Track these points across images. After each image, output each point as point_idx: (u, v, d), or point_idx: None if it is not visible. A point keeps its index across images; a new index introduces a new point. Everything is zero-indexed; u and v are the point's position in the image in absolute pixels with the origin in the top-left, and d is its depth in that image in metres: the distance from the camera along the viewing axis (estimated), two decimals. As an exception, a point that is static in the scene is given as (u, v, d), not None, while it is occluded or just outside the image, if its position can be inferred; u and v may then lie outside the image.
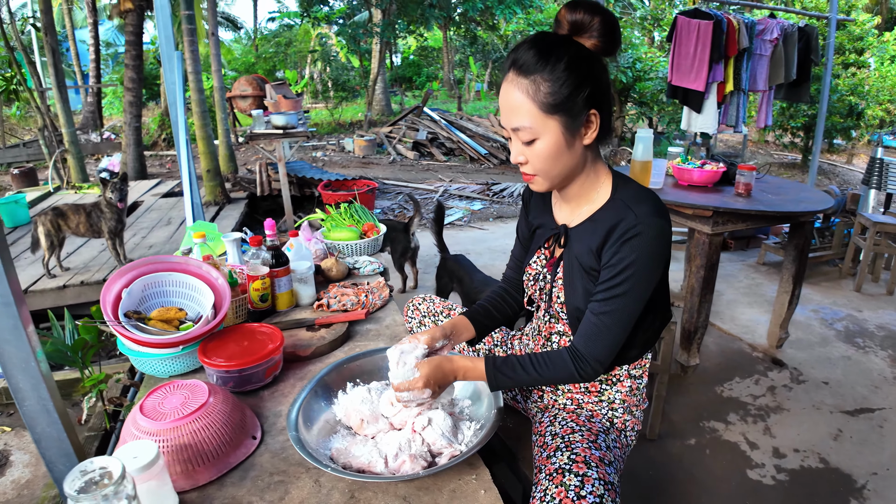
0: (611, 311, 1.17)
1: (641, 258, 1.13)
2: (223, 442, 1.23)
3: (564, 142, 1.14)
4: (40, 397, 1.37)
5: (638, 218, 1.13)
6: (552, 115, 1.11)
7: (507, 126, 1.17)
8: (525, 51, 1.12)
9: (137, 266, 1.65)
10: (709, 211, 2.61)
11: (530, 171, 1.20)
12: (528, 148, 1.16)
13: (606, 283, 1.17)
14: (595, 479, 1.09)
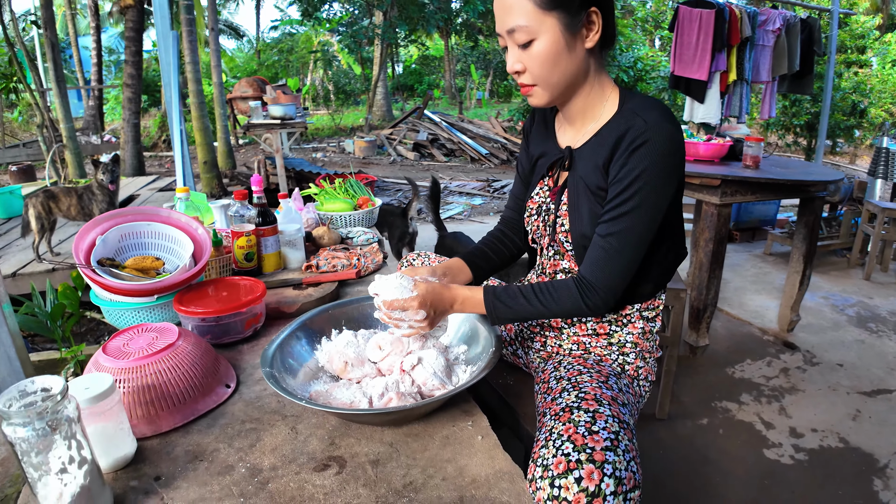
0: (620, 230, 1.05)
1: (652, 167, 1.02)
2: (191, 386, 1.13)
3: (564, 42, 1.04)
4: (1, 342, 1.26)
5: (647, 124, 1.02)
6: (550, 12, 1.01)
7: (503, 29, 1.07)
8: None
9: (115, 215, 1.55)
10: (716, 180, 2.51)
11: (528, 81, 1.09)
12: (524, 52, 1.06)
13: (614, 199, 1.05)
14: (608, 416, 0.96)
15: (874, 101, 8.83)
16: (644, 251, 1.08)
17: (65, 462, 0.82)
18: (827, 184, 2.78)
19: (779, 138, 9.78)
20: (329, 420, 1.10)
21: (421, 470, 0.96)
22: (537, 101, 1.12)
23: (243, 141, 11.64)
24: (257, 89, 9.86)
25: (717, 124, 4.92)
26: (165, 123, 11.85)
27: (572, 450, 0.88)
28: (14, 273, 3.39)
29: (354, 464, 0.98)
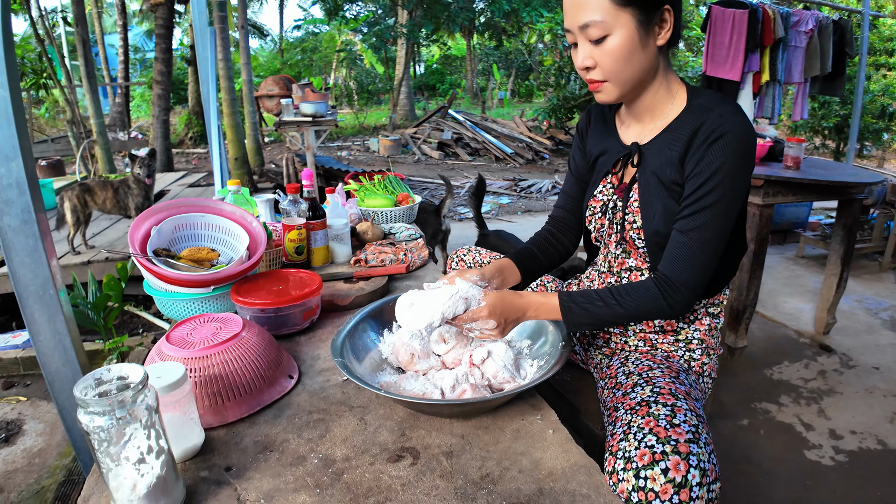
0: (701, 225, 1.05)
1: (730, 160, 1.02)
2: (256, 377, 1.14)
3: (638, 39, 1.04)
4: (56, 331, 1.28)
5: (723, 118, 1.03)
6: (625, 8, 1.01)
7: (574, 25, 1.06)
8: None
9: (169, 206, 1.58)
10: (759, 180, 2.49)
11: (599, 77, 1.09)
12: (597, 48, 1.06)
13: (693, 195, 1.06)
14: (686, 410, 0.98)
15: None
16: (724, 246, 1.08)
17: (143, 452, 0.81)
18: (867, 186, 2.75)
19: (807, 141, 9.66)
20: (397, 411, 1.11)
21: (496, 462, 0.97)
22: (606, 98, 1.12)
23: (269, 139, 11.74)
24: (283, 88, 9.93)
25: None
26: (192, 121, 12.00)
27: (656, 442, 0.89)
28: (49, 264, 3.46)
29: (428, 455, 0.99)
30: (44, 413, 2.51)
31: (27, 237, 1.22)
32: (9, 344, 3.04)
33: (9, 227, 1.21)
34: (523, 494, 0.89)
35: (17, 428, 2.40)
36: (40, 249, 1.23)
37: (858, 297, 3.73)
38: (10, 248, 1.22)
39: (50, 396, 2.58)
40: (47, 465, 2.20)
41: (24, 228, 1.22)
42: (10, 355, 2.80)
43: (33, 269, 1.25)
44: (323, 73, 18.66)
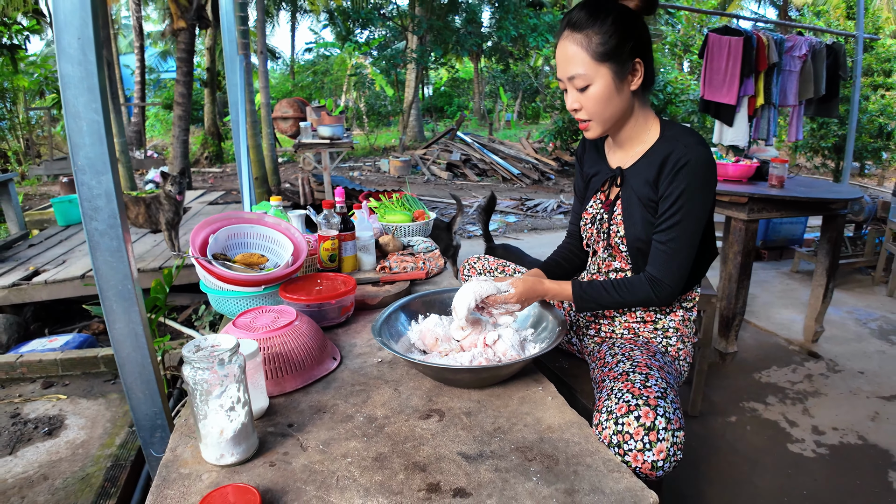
0: (676, 236, 1.32)
1: (693, 183, 1.28)
2: (308, 356, 1.38)
3: (614, 86, 1.31)
4: (131, 320, 1.50)
5: (686, 148, 1.29)
6: (603, 63, 1.28)
7: (564, 76, 1.34)
8: (578, 11, 1.30)
9: (222, 217, 1.84)
10: (744, 198, 2.73)
11: (584, 117, 1.37)
12: (582, 94, 1.33)
13: (666, 212, 1.32)
14: (658, 377, 1.22)
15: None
16: (695, 250, 1.35)
17: (234, 402, 1.05)
18: (847, 201, 2.98)
19: (807, 160, 9.89)
20: (424, 383, 1.35)
21: (506, 419, 1.20)
22: (592, 134, 1.40)
23: (282, 159, 12.09)
24: (297, 110, 10.29)
25: (746, 147, 5.13)
26: (207, 141, 12.38)
27: (631, 398, 1.13)
28: (83, 275, 3.73)
29: (451, 414, 1.23)
30: (84, 409, 2.70)
31: (111, 239, 1.44)
32: (47, 347, 3.26)
33: (96, 230, 1.43)
34: (528, 441, 1.13)
35: (59, 423, 2.58)
36: (122, 250, 1.45)
37: (850, 309, 3.93)
38: (96, 248, 1.44)
39: (89, 395, 2.82)
40: (91, 454, 2.40)
41: (109, 232, 1.44)
42: (49, 357, 2.99)
43: (115, 267, 1.47)
44: (334, 95, 19.13)
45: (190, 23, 7.47)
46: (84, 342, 3.36)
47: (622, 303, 1.39)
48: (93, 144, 1.38)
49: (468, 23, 13.69)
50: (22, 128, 11.09)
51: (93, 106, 1.37)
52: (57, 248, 4.47)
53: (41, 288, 3.68)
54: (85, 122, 1.37)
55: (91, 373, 3.00)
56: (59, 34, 1.31)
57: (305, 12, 21.92)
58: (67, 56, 1.33)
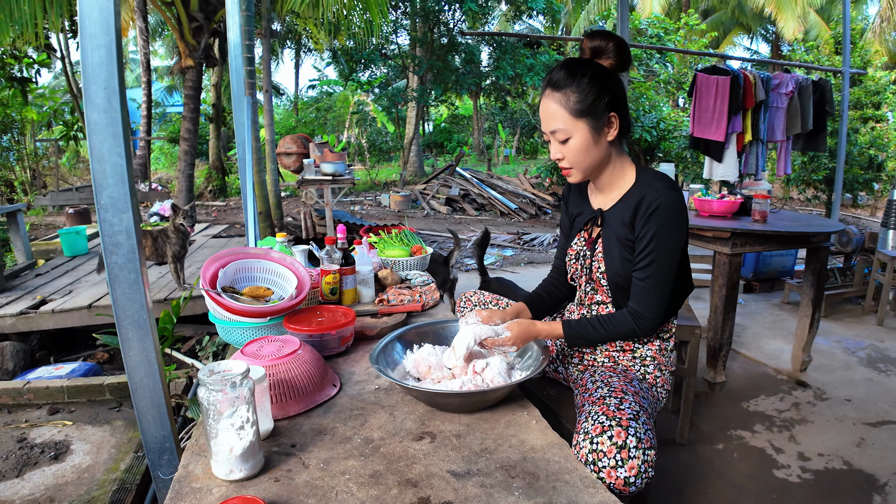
0: (653, 272, 1.45)
1: (664, 224, 1.42)
2: (311, 382, 1.49)
3: (592, 139, 1.45)
4: (145, 348, 1.60)
5: (657, 192, 1.42)
6: (580, 119, 1.43)
7: (547, 129, 1.50)
8: (557, 71, 1.46)
9: (231, 252, 1.96)
10: (727, 233, 2.86)
11: (567, 165, 1.52)
12: (563, 146, 1.48)
13: (643, 252, 1.45)
14: (632, 401, 1.33)
15: (893, 154, 9.12)
16: (671, 285, 1.47)
17: (243, 422, 1.16)
18: (828, 234, 3.10)
19: (800, 193, 10.06)
20: (418, 408, 1.46)
21: (493, 441, 1.31)
22: (574, 180, 1.55)
23: (284, 193, 12.30)
24: (300, 146, 10.51)
25: (736, 181, 5.28)
26: (211, 175, 12.60)
27: (605, 419, 1.24)
28: (90, 305, 3.84)
29: (442, 437, 1.33)
30: (89, 435, 2.76)
31: (130, 272, 1.55)
32: (53, 374, 3.34)
33: (116, 264, 1.54)
34: (512, 460, 1.23)
35: (65, 448, 2.64)
36: (140, 283, 1.56)
37: (838, 338, 4.03)
38: (115, 280, 1.55)
39: (94, 421, 2.90)
40: (96, 478, 2.47)
41: (128, 265, 1.55)
42: (55, 384, 3.06)
43: (132, 298, 1.58)
44: (336, 131, 19.51)
45: (198, 61, 7.74)
46: (89, 371, 3.45)
47: (608, 336, 1.51)
48: (115, 185, 1.50)
49: (467, 63, 14.06)
50: (29, 158, 11.33)
51: (117, 150, 1.49)
52: (63, 277, 4.58)
53: (48, 317, 3.78)
54: (109, 164, 1.49)
55: (96, 400, 3.08)
56: (86, 84, 1.44)
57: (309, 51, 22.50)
58: (94, 105, 1.46)
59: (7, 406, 3.01)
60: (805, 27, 15.97)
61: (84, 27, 1.41)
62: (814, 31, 15.87)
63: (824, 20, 16.49)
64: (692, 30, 10.53)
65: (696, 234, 3.01)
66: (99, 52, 1.44)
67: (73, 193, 10.81)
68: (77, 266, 4.95)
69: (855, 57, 9.04)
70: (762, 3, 15.87)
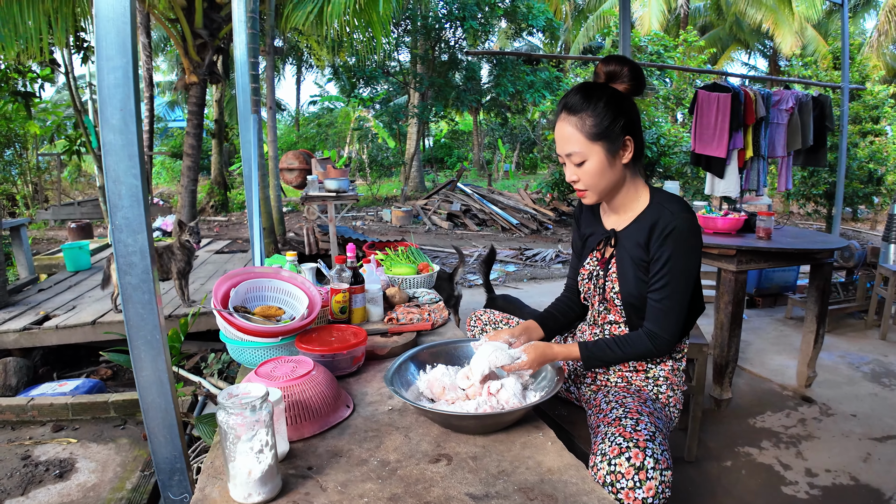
0: (669, 294, 1.46)
1: (679, 248, 1.44)
2: (325, 403, 1.49)
3: (607, 162, 1.48)
4: (157, 368, 1.60)
5: (673, 215, 1.45)
6: (596, 142, 1.46)
7: (562, 153, 1.52)
8: (573, 95, 1.48)
9: (242, 272, 1.97)
10: (732, 250, 2.87)
11: (582, 187, 1.54)
12: (579, 168, 1.50)
13: (658, 273, 1.47)
14: (647, 422, 1.34)
15: (892, 167, 9.19)
16: (687, 306, 1.48)
17: (262, 445, 1.16)
18: (832, 251, 3.12)
19: (800, 207, 10.10)
20: (433, 430, 1.46)
21: (509, 463, 1.31)
22: (589, 201, 1.57)
23: (286, 209, 12.34)
24: (303, 161, 10.56)
25: (738, 197, 5.31)
26: (213, 190, 12.65)
27: (623, 441, 1.25)
28: (94, 321, 3.83)
29: (458, 459, 1.33)
30: (94, 453, 2.76)
31: (143, 293, 1.55)
32: (57, 391, 3.32)
33: (130, 284, 1.54)
34: (529, 482, 1.23)
35: (69, 466, 2.63)
36: (153, 303, 1.56)
37: (842, 353, 4.04)
38: (129, 301, 1.55)
39: (99, 439, 2.90)
40: (102, 497, 2.45)
41: (141, 286, 1.55)
42: (60, 401, 3.05)
43: (145, 318, 1.58)
44: (337, 147, 19.60)
45: (202, 78, 7.80)
46: (94, 387, 3.44)
47: (625, 357, 1.52)
48: (131, 206, 1.50)
49: (468, 80, 14.19)
50: (31, 172, 11.38)
51: (132, 171, 1.50)
52: (66, 293, 4.57)
53: (52, 333, 3.77)
54: (124, 185, 1.49)
55: (101, 417, 3.07)
56: (102, 106, 1.45)
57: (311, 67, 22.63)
58: (110, 126, 1.46)
59: (11, 423, 3.00)
60: (802, 42, 16.14)
61: (101, 49, 1.42)
62: (811, 46, 16.02)
63: (822, 35, 16.65)
64: (691, 46, 10.64)
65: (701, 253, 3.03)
66: (115, 74, 1.45)
67: (74, 208, 10.85)
68: (80, 281, 4.95)
69: (853, 72, 9.13)
70: (760, 19, 16.03)
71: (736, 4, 16.84)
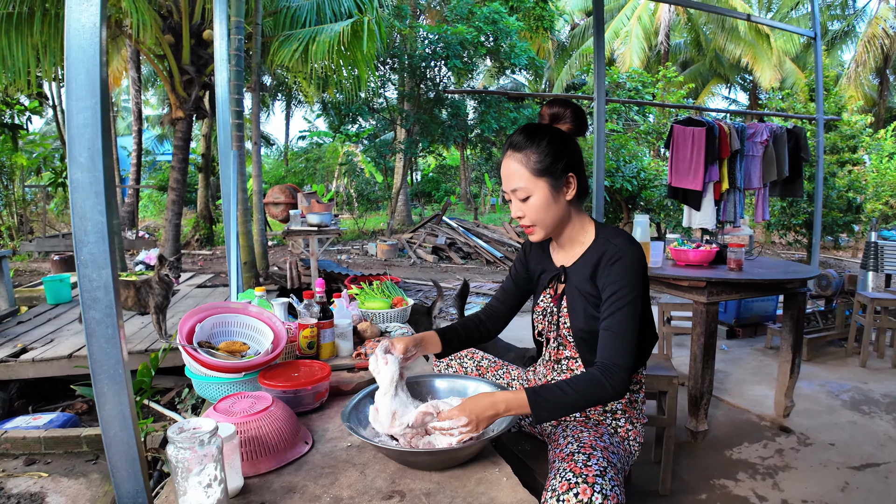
0: (618, 320, 1.44)
1: (627, 274, 1.45)
2: (282, 439, 1.49)
3: (551, 197, 1.51)
4: (120, 402, 1.59)
5: (618, 246, 1.48)
6: (540, 178, 1.50)
7: (508, 189, 1.55)
8: (518, 135, 1.53)
9: (209, 307, 1.97)
10: (702, 282, 2.90)
11: (528, 223, 1.57)
12: (524, 204, 1.53)
13: (608, 301, 1.47)
14: (599, 457, 1.34)
15: (871, 196, 9.34)
16: (636, 333, 1.46)
17: (211, 479, 1.17)
18: (805, 280, 3.16)
19: (781, 237, 10.22)
20: (389, 466, 1.45)
21: (462, 499, 1.30)
22: (536, 238, 1.59)
23: (272, 242, 12.35)
24: (289, 196, 10.60)
25: (714, 229, 5.38)
26: (199, 224, 12.65)
27: (572, 476, 1.25)
28: (70, 354, 3.81)
29: (412, 495, 1.32)
30: (65, 488, 2.72)
31: (107, 327, 1.54)
32: (31, 424, 3.27)
33: (93, 319, 1.53)
34: (480, 517, 1.23)
35: (40, 500, 2.59)
36: (117, 337, 1.55)
37: (822, 382, 4.05)
38: (92, 335, 1.54)
39: (70, 474, 2.85)
40: None
41: (105, 321, 1.54)
42: (32, 434, 3.02)
43: (108, 353, 1.56)
44: (325, 181, 19.72)
45: (188, 113, 7.88)
46: (67, 421, 3.40)
47: (579, 399, 1.38)
48: (96, 242, 1.50)
49: (453, 116, 14.39)
50: (17, 204, 11.35)
51: (98, 208, 1.50)
52: (45, 326, 4.53)
53: (28, 366, 3.73)
54: (90, 222, 1.49)
55: (73, 452, 3.03)
56: (71, 144, 1.46)
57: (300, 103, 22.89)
58: (78, 164, 1.47)
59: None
60: (781, 75, 16.54)
61: (70, 90, 1.45)
62: (790, 78, 16.42)
63: (800, 68, 17.09)
64: (670, 82, 10.88)
65: (673, 284, 3.05)
66: (84, 114, 1.46)
67: (59, 240, 10.79)
68: (60, 314, 4.92)
69: (830, 103, 9.34)
70: (739, 54, 16.44)
71: (715, 40, 17.31)
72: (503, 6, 13.46)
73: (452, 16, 13.44)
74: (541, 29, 15.21)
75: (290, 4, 8.45)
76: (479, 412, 1.39)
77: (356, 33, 7.56)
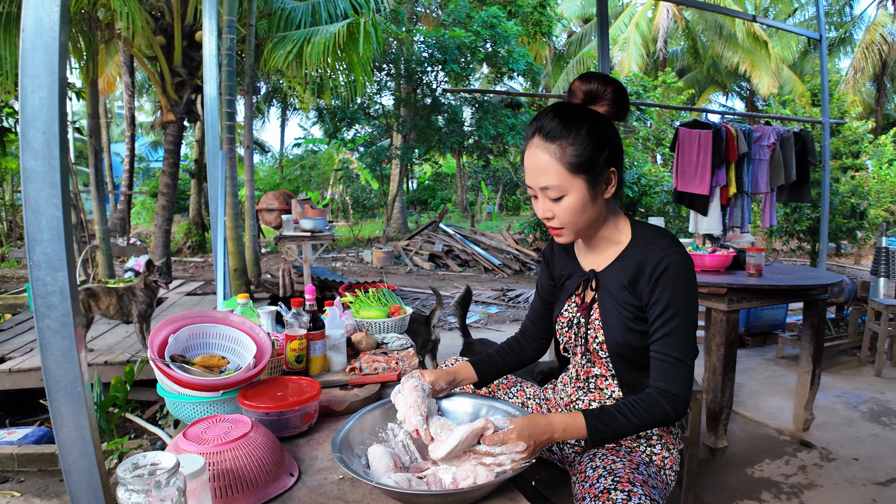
0: (676, 344, 1.24)
1: (679, 286, 1.24)
2: (262, 472, 1.27)
3: (589, 197, 1.28)
4: (79, 425, 1.39)
5: (662, 251, 1.26)
6: (578, 175, 1.25)
7: (535, 185, 1.30)
8: (549, 119, 1.27)
9: (186, 316, 1.76)
10: (723, 289, 2.71)
11: (557, 225, 1.33)
12: (555, 204, 1.29)
13: (658, 320, 1.26)
14: (641, 494, 1.13)
15: (873, 202, 9.20)
16: (696, 353, 1.27)
17: (173, 528, 0.97)
18: (827, 287, 2.98)
19: (783, 244, 10.06)
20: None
21: (473, 542, 1.10)
22: (564, 240, 1.37)
23: (265, 249, 12.14)
24: (283, 202, 10.44)
25: (721, 235, 5.20)
26: (191, 230, 12.45)
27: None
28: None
29: (414, 538, 1.12)
30: (37, 510, 2.56)
31: (63, 339, 1.36)
32: (4, 440, 3.09)
33: (48, 329, 1.34)
34: (497, 569, 1.02)
35: None
36: (74, 350, 1.36)
37: (838, 393, 3.87)
38: (47, 348, 1.35)
39: (43, 494, 2.65)
40: None
41: (61, 331, 1.35)
42: (5, 451, 2.88)
43: (65, 367, 1.37)
44: (321, 188, 19.54)
45: (179, 116, 7.69)
46: (43, 437, 3.21)
47: (640, 425, 1.23)
48: (51, 240, 1.32)
49: (450, 122, 14.23)
50: (6, 210, 11.12)
51: (54, 202, 1.32)
52: (27, 334, 4.36)
53: (5, 377, 3.55)
54: (45, 217, 1.32)
55: (48, 470, 2.88)
56: (24, 128, 1.28)
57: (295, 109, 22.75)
58: (32, 150, 1.30)
59: (-45, 471, 2.79)
60: (779, 82, 16.47)
61: (25, 66, 1.27)
62: (788, 85, 16.35)
63: (797, 75, 17.03)
64: (670, 87, 10.75)
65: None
66: (40, 94, 1.29)
67: (48, 246, 10.58)
68: (40, 324, 4.72)
69: (832, 108, 9.22)
70: (737, 61, 16.38)
71: (713, 48, 17.25)
72: (501, 10, 13.33)
73: (450, 20, 13.30)
74: (539, 34, 15.09)
75: (285, 6, 8.27)
76: (538, 436, 1.20)
77: (352, 35, 7.37)
